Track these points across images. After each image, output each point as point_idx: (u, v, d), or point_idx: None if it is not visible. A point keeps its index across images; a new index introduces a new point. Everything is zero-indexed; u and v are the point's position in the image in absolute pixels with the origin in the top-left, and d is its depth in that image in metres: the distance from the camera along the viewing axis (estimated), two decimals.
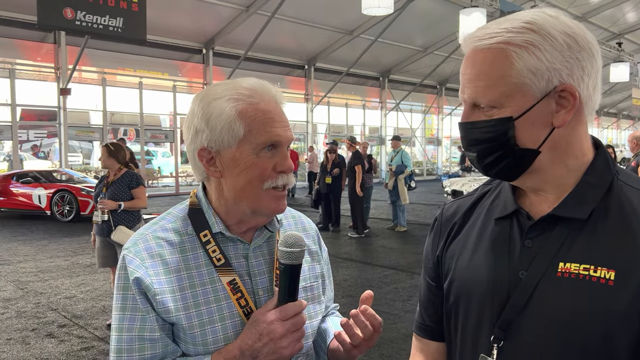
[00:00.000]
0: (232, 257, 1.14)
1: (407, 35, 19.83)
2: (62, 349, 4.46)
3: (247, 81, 1.13)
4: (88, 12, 11.10)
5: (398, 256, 8.27)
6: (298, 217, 1.34)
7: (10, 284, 6.48)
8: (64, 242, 9.35)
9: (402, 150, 10.91)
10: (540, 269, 0.91)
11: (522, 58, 0.88)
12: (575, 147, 0.93)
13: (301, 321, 1.07)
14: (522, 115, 0.89)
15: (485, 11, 14.68)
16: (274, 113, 1.11)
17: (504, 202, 1.01)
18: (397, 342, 4.59)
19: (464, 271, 1.02)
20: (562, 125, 0.90)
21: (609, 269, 0.86)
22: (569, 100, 0.89)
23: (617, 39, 23.38)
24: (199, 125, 1.10)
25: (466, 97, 0.94)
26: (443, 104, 27.38)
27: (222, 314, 1.10)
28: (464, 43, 0.95)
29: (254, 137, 1.08)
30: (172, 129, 18.64)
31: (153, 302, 1.07)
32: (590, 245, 0.89)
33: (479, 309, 0.98)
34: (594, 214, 0.90)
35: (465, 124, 0.95)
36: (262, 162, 1.09)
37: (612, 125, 40.13)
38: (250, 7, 15.90)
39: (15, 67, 14.75)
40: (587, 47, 0.89)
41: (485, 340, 0.96)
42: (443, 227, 1.12)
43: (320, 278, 1.29)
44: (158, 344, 1.08)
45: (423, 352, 1.16)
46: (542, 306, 0.90)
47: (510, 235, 0.97)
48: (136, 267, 1.08)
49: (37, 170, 13.62)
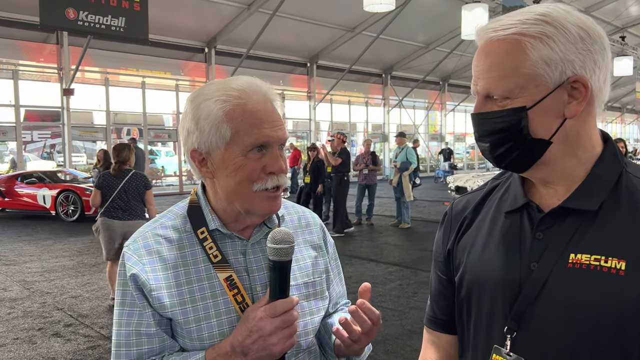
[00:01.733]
0: (229, 253, 1.15)
1: (409, 31, 19.79)
2: (69, 348, 4.48)
3: (238, 81, 1.12)
4: (90, 12, 11.12)
5: (402, 253, 8.27)
6: (302, 213, 1.33)
7: (16, 284, 6.51)
8: (69, 242, 9.38)
9: (407, 147, 10.91)
10: (552, 261, 0.92)
11: (537, 49, 0.89)
12: (585, 139, 0.94)
13: (291, 318, 1.06)
14: (535, 105, 0.90)
15: (488, 6, 14.63)
16: (262, 113, 1.10)
17: (514, 195, 1.02)
18: (402, 338, 4.58)
19: (476, 264, 1.03)
20: (574, 116, 0.91)
21: (619, 259, 0.86)
22: (581, 92, 0.90)
23: (621, 32, 23.29)
24: (190, 127, 1.11)
25: (479, 89, 0.95)
26: (446, 100, 27.33)
27: (218, 310, 1.11)
28: (477, 35, 0.96)
29: (241, 138, 1.08)
30: (175, 128, 18.66)
31: (149, 297, 1.09)
32: (600, 236, 0.90)
33: (492, 301, 0.98)
34: (603, 205, 0.91)
35: (478, 114, 0.96)
36: (250, 164, 1.09)
37: (617, 120, 40.00)
38: (252, 5, 15.90)
39: (18, 68, 14.79)
40: (598, 41, 0.91)
41: (498, 331, 0.97)
42: (453, 221, 1.13)
43: (324, 273, 1.28)
44: (155, 338, 1.10)
45: (435, 345, 1.17)
46: (554, 297, 0.90)
47: (521, 228, 0.98)
48: (134, 263, 1.11)
49: (42, 171, 13.67)
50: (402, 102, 24.45)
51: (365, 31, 18.64)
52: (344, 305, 1.40)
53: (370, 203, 11.00)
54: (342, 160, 10.09)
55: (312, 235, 1.29)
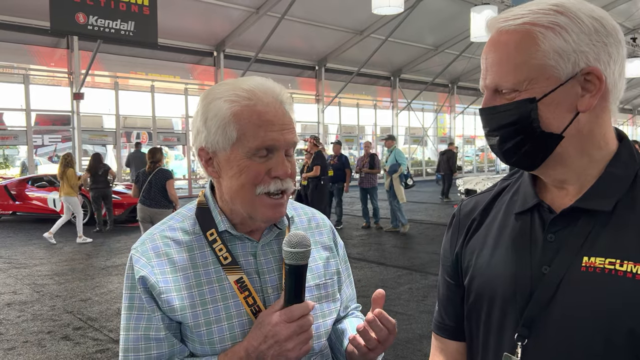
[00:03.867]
0: (239, 255, 1.13)
1: (417, 34, 19.74)
2: (78, 351, 4.48)
3: (249, 81, 1.10)
4: (100, 17, 11.21)
5: (412, 256, 8.22)
6: (312, 214, 1.32)
7: (26, 287, 6.54)
8: (79, 245, 9.43)
9: (396, 149, 10.70)
10: (564, 264, 0.88)
11: (548, 39, 0.86)
12: (599, 137, 0.90)
13: (307, 323, 1.04)
14: (545, 96, 0.87)
15: (497, 8, 14.55)
16: (271, 115, 1.07)
17: (524, 196, 0.99)
18: (412, 342, 4.54)
19: (485, 268, 0.99)
20: (587, 110, 0.87)
21: (635, 263, 0.83)
22: (595, 84, 0.86)
23: (632, 34, 23.06)
24: (199, 125, 1.10)
25: (488, 82, 0.92)
26: (455, 103, 27.21)
27: (229, 313, 1.09)
28: (488, 26, 0.93)
29: (247, 140, 1.06)
30: (184, 131, 18.74)
31: (158, 300, 1.07)
32: (615, 238, 0.86)
33: (502, 307, 0.95)
34: (618, 206, 0.88)
35: (486, 109, 0.93)
36: (255, 167, 1.07)
37: (628, 122, 39.63)
38: (260, 9, 15.93)
39: (29, 72, 14.92)
40: (613, 33, 0.88)
41: (508, 338, 0.93)
42: (462, 223, 1.09)
43: (336, 275, 1.26)
44: (164, 343, 1.08)
45: (443, 352, 1.13)
46: (567, 302, 0.87)
47: (531, 229, 0.94)
48: (142, 266, 1.09)
49: (52, 174, 13.75)
50: (410, 104, 24.38)
51: (374, 34, 18.61)
52: (354, 309, 1.38)
53: (375, 206, 10.86)
54: (318, 165, 9.86)
55: (322, 236, 1.28)
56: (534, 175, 0.99)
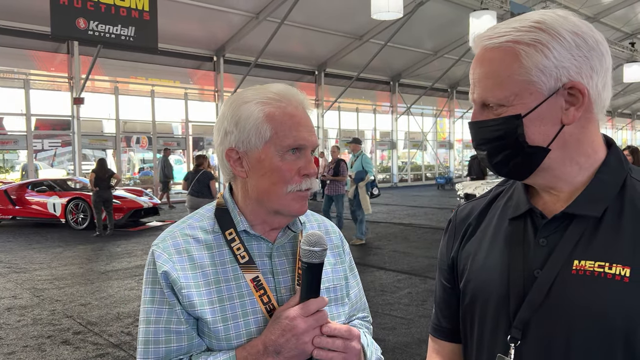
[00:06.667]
0: (255, 255, 1.17)
1: (417, 39, 19.82)
2: (77, 355, 4.49)
3: (276, 86, 1.18)
4: (100, 22, 11.26)
5: (411, 260, 8.24)
6: (321, 221, 1.36)
7: (26, 292, 6.55)
8: (79, 250, 9.43)
9: (362, 155, 9.81)
10: (555, 267, 0.91)
11: (531, 56, 0.88)
12: (587, 145, 0.93)
13: (324, 316, 1.08)
14: (530, 112, 0.90)
15: (496, 13, 14.63)
16: (300, 117, 1.15)
17: (517, 202, 1.02)
18: (411, 347, 4.56)
19: (480, 271, 1.02)
20: (572, 123, 0.90)
21: (624, 266, 0.85)
22: (578, 98, 0.89)
23: (630, 39, 23.15)
24: (229, 127, 1.15)
25: (475, 97, 0.95)
26: (454, 107, 27.28)
27: (245, 310, 1.12)
28: (474, 43, 0.97)
29: (280, 139, 1.12)
30: (184, 136, 18.76)
31: (179, 295, 1.10)
32: (604, 242, 0.89)
33: (495, 309, 0.98)
34: (607, 211, 0.90)
35: (475, 123, 0.96)
36: (286, 165, 1.12)
37: (627, 126, 39.70)
38: (260, 14, 16.00)
39: (29, 77, 14.96)
40: (596, 47, 0.90)
41: (502, 340, 0.96)
42: (457, 228, 1.12)
43: (344, 280, 1.30)
44: (184, 336, 1.11)
45: (439, 354, 1.16)
46: (558, 304, 0.89)
47: (524, 234, 0.97)
48: (164, 261, 1.12)
49: (52, 179, 13.78)
50: (410, 109, 24.43)
51: (373, 39, 18.69)
52: (362, 319, 1.37)
53: (339, 214, 9.84)
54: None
55: (331, 242, 1.32)
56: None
